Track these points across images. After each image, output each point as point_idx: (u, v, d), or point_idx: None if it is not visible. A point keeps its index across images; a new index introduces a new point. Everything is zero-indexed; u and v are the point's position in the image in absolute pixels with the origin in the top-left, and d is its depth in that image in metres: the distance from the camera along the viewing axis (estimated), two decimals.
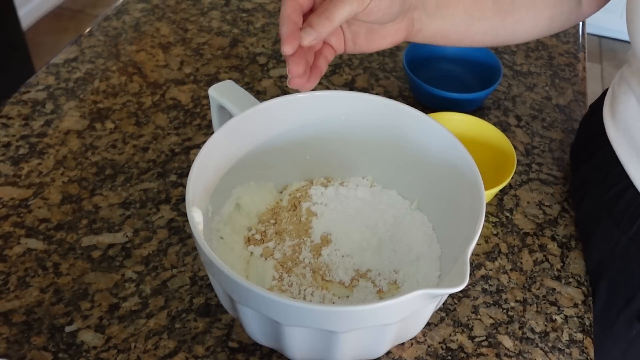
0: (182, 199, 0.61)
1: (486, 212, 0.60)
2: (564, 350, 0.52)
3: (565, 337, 0.53)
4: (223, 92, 0.53)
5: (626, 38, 0.52)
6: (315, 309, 0.38)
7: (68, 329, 0.51)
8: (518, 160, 0.68)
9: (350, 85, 0.76)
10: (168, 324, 0.51)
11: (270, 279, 0.50)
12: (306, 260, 0.51)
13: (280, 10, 0.47)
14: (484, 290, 0.56)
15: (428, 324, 0.53)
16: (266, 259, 0.51)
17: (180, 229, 0.59)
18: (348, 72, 0.78)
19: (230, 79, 0.76)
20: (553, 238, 0.61)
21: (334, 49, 0.53)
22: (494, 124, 0.71)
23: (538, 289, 0.57)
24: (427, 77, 0.72)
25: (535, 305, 0.55)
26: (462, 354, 0.51)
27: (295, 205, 0.55)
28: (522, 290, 0.56)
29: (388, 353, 0.50)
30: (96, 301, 0.53)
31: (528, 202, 0.64)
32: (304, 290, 0.49)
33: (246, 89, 0.68)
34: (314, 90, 0.51)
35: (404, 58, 0.72)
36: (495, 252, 0.59)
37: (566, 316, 0.54)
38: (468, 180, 0.47)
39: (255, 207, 0.55)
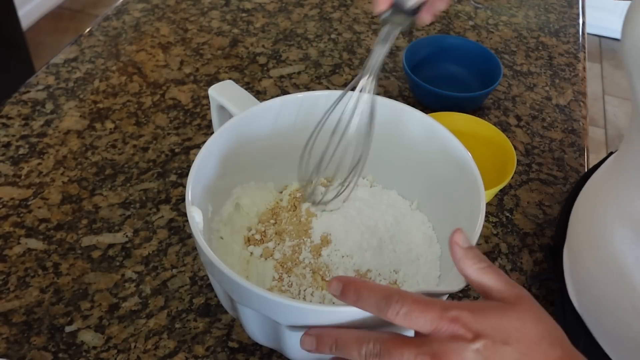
0: (182, 199, 0.61)
1: (486, 212, 0.60)
2: None
3: None
4: (223, 92, 0.53)
5: None
6: (315, 309, 0.38)
7: (68, 329, 0.51)
8: (518, 160, 0.68)
9: None
10: (168, 324, 0.51)
11: (270, 279, 0.50)
12: (306, 260, 0.51)
13: None
14: None
15: None
16: (266, 259, 0.51)
17: (180, 229, 0.59)
18: (348, 72, 0.78)
19: (230, 79, 0.76)
20: (553, 238, 0.61)
21: None
22: (494, 124, 0.71)
23: (538, 289, 0.56)
24: (427, 77, 0.72)
25: None
26: None
27: (295, 206, 0.55)
28: None
29: None
30: (96, 301, 0.53)
31: (528, 202, 0.64)
32: (304, 290, 0.49)
33: (246, 89, 0.68)
34: (313, 90, 0.51)
35: (404, 58, 0.72)
36: (495, 252, 0.59)
37: None
38: (468, 180, 0.47)
39: (255, 207, 0.55)
